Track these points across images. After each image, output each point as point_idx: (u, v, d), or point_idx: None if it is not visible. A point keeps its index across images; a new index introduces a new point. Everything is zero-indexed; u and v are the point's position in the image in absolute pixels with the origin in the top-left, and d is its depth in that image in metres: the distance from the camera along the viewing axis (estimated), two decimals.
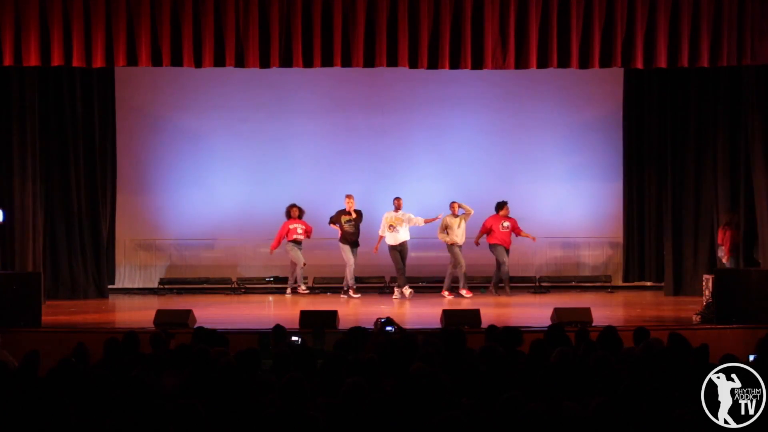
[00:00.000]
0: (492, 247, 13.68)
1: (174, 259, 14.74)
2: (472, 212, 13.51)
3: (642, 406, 5.10)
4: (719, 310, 10.69)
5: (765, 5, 11.31)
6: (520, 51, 11.23)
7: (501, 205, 13.72)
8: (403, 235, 13.38)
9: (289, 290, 13.98)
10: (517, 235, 13.80)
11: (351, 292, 13.48)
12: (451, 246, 13.46)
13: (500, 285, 13.74)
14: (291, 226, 13.83)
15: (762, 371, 5.08)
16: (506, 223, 13.66)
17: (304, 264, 13.80)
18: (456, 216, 13.48)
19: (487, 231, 13.70)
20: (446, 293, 13.48)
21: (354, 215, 13.54)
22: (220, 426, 5.11)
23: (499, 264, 13.65)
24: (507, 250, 13.68)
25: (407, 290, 13.36)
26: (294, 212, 13.89)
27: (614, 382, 5.47)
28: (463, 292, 13.39)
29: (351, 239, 13.51)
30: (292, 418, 4.95)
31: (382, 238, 13.54)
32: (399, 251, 13.37)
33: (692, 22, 11.22)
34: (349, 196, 13.62)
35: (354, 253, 13.55)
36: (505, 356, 6.53)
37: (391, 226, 13.36)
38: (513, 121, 14.90)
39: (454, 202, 13.54)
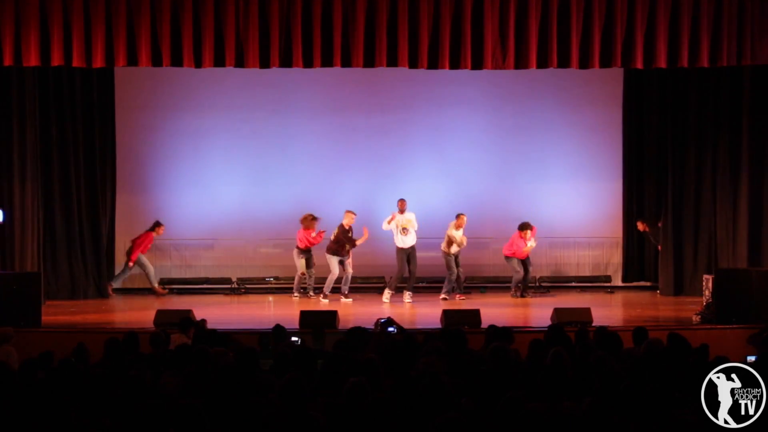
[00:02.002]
0: (508, 259, 13.63)
1: (174, 259, 14.73)
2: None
3: (641, 405, 5.10)
4: (719, 310, 10.70)
5: (765, 5, 11.32)
6: (520, 51, 11.24)
7: (524, 227, 13.56)
8: (412, 238, 13.30)
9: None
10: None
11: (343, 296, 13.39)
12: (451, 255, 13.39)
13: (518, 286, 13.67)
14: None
15: (762, 371, 5.09)
16: (531, 243, 13.52)
17: (302, 273, 13.64)
18: (459, 228, 13.39)
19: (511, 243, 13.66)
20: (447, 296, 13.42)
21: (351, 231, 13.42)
22: (221, 426, 5.12)
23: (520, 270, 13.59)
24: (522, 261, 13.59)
25: (407, 296, 13.16)
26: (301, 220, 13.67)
27: (613, 382, 5.47)
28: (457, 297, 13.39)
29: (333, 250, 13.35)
30: (292, 418, 4.95)
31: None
32: (408, 254, 13.29)
33: (692, 22, 11.24)
34: (351, 212, 13.43)
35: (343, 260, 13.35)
36: (511, 357, 6.54)
37: (404, 229, 13.26)
38: (513, 121, 14.90)
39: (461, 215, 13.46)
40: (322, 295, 13.23)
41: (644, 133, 14.44)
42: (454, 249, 13.35)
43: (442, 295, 13.32)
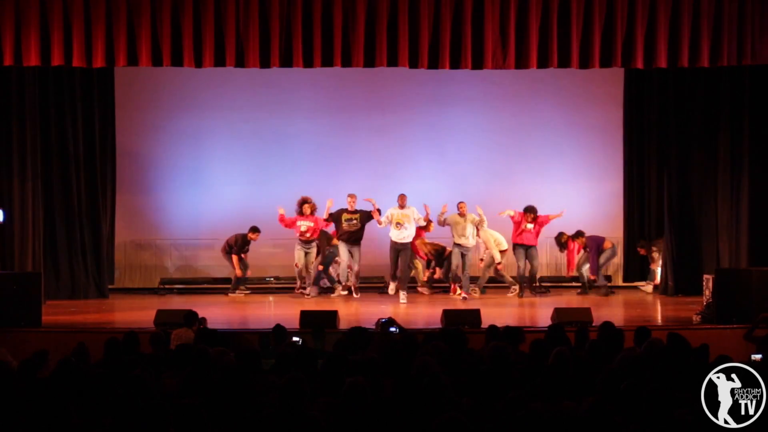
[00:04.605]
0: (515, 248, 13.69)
1: (174, 259, 14.74)
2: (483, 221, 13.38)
3: (642, 406, 5.10)
4: (719, 310, 10.69)
5: (765, 5, 11.33)
6: (520, 51, 11.24)
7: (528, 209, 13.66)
8: (409, 233, 13.26)
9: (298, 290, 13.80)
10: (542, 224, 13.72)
11: (344, 289, 13.35)
12: (454, 246, 13.34)
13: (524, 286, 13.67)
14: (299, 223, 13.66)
15: (762, 371, 5.09)
16: (530, 225, 13.57)
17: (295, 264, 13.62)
18: (463, 216, 13.33)
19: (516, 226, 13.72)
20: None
21: (356, 214, 13.32)
22: (221, 426, 5.11)
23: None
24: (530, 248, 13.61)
25: (392, 287, 13.20)
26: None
27: (613, 382, 5.47)
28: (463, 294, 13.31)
29: (345, 237, 13.29)
30: (292, 418, 4.95)
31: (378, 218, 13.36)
32: (399, 251, 13.24)
33: (692, 22, 11.24)
34: (351, 195, 13.44)
35: (352, 252, 13.31)
36: (511, 356, 6.53)
37: (398, 223, 13.21)
38: (513, 121, 14.90)
39: (461, 202, 13.37)
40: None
41: (645, 132, 14.43)
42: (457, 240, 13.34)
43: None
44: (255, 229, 13.86)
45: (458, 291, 13.35)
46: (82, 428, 4.97)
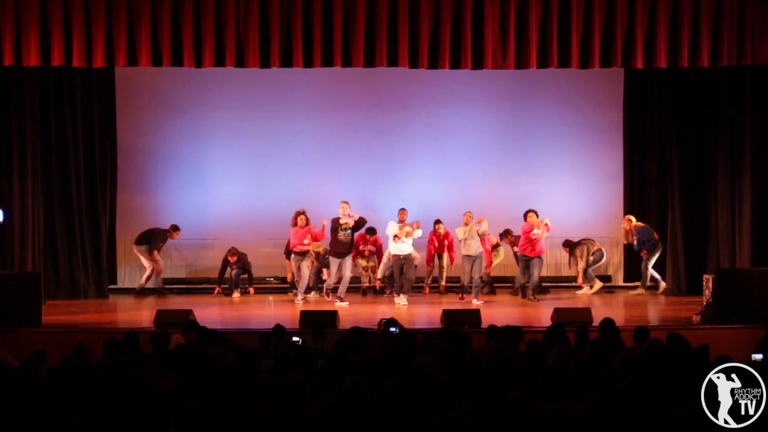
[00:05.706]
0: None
1: (174, 259, 14.73)
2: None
3: (642, 406, 5.10)
4: (719, 310, 10.69)
5: (765, 5, 11.34)
6: (520, 51, 11.25)
7: (524, 214, 13.36)
8: (406, 246, 13.18)
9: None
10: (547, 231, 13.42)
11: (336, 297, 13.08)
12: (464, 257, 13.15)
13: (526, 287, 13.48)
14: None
15: (762, 371, 5.09)
16: (536, 231, 13.19)
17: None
18: (467, 225, 13.23)
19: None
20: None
21: (350, 224, 12.96)
22: (220, 426, 5.11)
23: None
24: (531, 259, 13.24)
25: (401, 298, 12.96)
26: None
27: (613, 382, 5.47)
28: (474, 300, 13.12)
29: (338, 249, 12.93)
30: (292, 418, 4.95)
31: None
32: (401, 264, 13.01)
33: (692, 22, 11.25)
34: (343, 203, 13.14)
35: (342, 263, 12.91)
36: (510, 357, 6.53)
37: (395, 236, 13.13)
38: (513, 121, 14.90)
39: (466, 213, 13.22)
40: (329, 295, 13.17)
41: (645, 132, 14.43)
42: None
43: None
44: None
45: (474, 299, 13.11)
46: (82, 428, 4.97)
